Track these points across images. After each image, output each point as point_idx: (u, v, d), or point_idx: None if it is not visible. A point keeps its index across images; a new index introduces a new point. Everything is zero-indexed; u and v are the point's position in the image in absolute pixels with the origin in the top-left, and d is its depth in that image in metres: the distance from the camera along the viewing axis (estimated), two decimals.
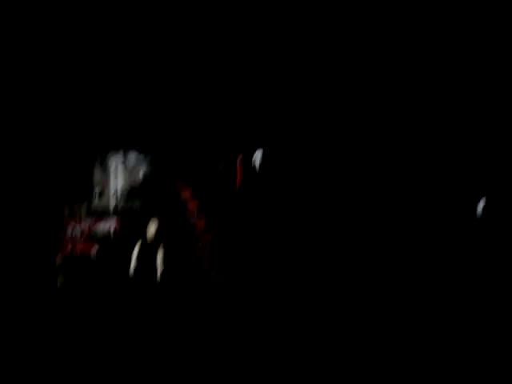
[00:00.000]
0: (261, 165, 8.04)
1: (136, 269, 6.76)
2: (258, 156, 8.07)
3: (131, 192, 8.62)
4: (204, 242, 7.10)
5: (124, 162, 8.67)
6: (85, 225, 8.53)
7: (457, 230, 7.24)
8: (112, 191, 8.66)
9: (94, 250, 8.45)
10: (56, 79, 7.92)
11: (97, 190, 8.63)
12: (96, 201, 8.63)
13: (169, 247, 6.80)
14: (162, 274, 6.79)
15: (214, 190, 8.12)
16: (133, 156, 8.66)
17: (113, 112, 8.30)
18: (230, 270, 7.77)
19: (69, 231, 8.47)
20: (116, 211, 8.62)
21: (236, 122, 8.20)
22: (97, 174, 8.66)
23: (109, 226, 8.58)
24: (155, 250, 6.86)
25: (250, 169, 8.12)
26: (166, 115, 8.23)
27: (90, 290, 7.84)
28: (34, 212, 8.21)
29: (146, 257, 6.81)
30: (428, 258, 6.64)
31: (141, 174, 8.63)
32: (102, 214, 8.61)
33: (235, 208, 8.08)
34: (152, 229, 6.89)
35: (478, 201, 7.58)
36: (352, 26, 7.97)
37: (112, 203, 8.65)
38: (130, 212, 8.58)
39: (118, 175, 8.68)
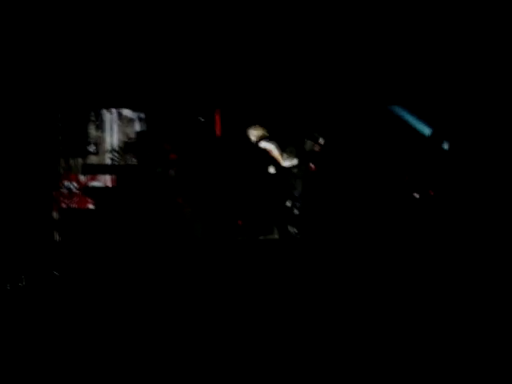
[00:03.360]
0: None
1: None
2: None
3: (126, 148, 8.65)
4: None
5: (119, 118, 8.68)
6: (80, 181, 8.56)
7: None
8: (108, 147, 8.68)
9: (91, 205, 8.50)
10: (52, 32, 7.88)
11: (92, 145, 8.64)
12: (91, 157, 8.65)
13: None
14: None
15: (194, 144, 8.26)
16: (127, 112, 8.67)
17: (105, 69, 8.27)
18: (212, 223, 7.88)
19: (65, 187, 8.50)
20: (112, 167, 8.66)
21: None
22: (92, 130, 8.66)
23: (104, 182, 8.62)
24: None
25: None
26: (155, 73, 8.22)
27: (88, 245, 7.89)
28: (30, 169, 8.20)
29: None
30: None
31: (135, 129, 8.66)
32: (98, 170, 8.64)
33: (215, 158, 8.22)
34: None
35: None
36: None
37: (108, 159, 8.68)
38: (125, 168, 8.61)
39: (114, 131, 8.70)
